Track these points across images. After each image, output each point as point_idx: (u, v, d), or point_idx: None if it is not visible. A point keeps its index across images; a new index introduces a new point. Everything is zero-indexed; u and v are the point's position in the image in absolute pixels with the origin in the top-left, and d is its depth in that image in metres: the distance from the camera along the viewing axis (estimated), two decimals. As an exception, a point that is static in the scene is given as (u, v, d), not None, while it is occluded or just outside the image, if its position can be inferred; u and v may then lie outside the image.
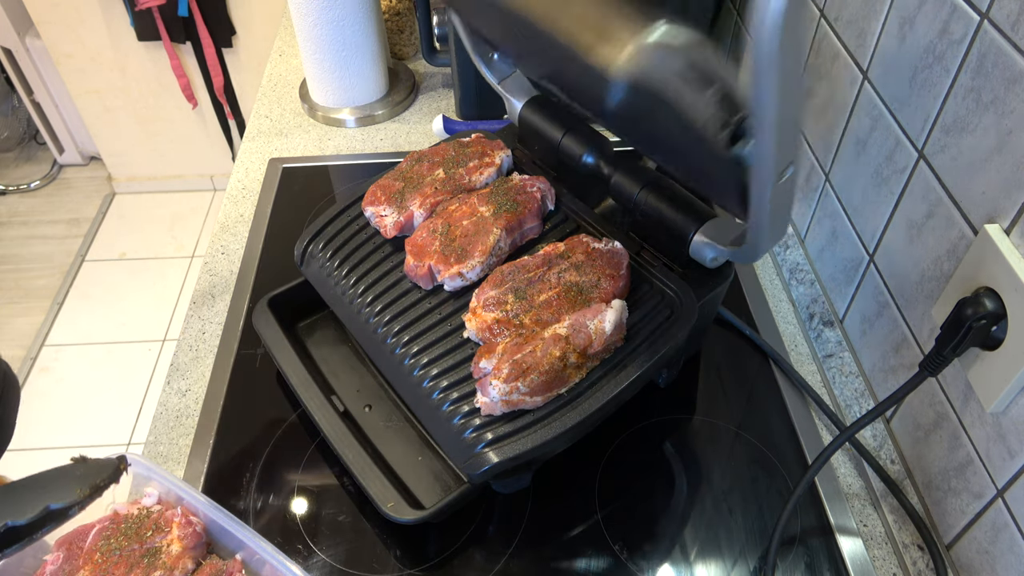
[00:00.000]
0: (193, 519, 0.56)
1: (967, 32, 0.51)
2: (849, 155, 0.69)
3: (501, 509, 0.63)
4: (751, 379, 0.73)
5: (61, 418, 1.84)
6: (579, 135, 0.68)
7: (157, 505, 0.58)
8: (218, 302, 0.81)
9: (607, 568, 0.60)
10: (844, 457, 0.67)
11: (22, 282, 2.17)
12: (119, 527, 0.56)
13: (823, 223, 0.75)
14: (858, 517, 0.63)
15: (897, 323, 0.62)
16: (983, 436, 0.52)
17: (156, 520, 0.56)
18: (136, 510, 0.57)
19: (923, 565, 0.58)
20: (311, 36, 0.96)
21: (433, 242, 0.63)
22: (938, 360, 0.51)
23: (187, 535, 0.55)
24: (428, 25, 1.00)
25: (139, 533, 0.56)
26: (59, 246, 2.27)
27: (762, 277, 0.83)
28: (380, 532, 0.61)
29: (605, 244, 0.62)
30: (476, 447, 0.55)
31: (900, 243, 0.61)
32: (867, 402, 0.68)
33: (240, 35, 2.02)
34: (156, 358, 1.97)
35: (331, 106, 1.04)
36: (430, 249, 0.63)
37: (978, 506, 0.53)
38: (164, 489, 0.58)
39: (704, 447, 0.68)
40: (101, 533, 0.56)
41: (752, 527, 0.62)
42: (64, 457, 0.50)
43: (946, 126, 0.54)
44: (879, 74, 0.63)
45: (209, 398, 0.71)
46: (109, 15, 1.97)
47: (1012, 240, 0.48)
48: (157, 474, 0.58)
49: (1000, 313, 0.48)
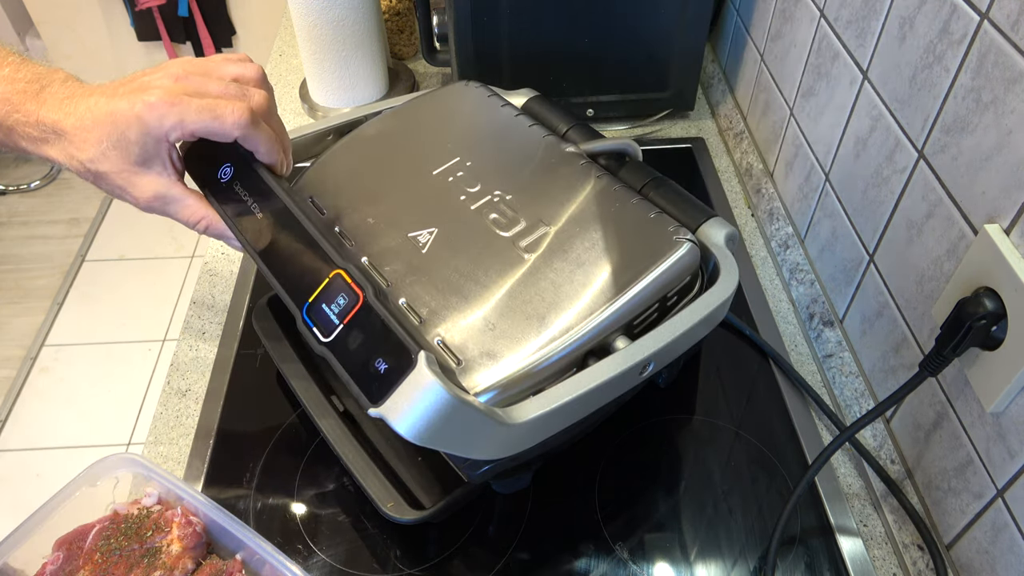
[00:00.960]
0: (193, 519, 0.56)
1: (967, 32, 0.51)
2: (849, 155, 0.69)
3: (501, 509, 0.63)
4: (751, 379, 0.73)
5: (61, 418, 1.84)
6: (579, 134, 0.68)
7: (157, 505, 0.58)
8: (218, 302, 0.81)
9: (607, 568, 0.60)
10: (844, 457, 0.67)
11: (22, 282, 2.17)
12: (119, 527, 0.56)
13: (823, 223, 0.75)
14: (858, 517, 0.63)
15: (897, 323, 0.62)
16: (983, 436, 0.52)
17: (156, 520, 0.56)
18: (136, 510, 0.57)
19: (923, 565, 0.58)
20: (311, 36, 0.96)
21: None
22: (938, 360, 0.51)
23: (187, 535, 0.55)
24: (428, 25, 1.00)
25: (139, 533, 0.56)
26: (59, 246, 2.27)
27: (762, 277, 0.83)
28: (380, 532, 0.61)
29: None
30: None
31: (900, 243, 0.61)
32: (867, 402, 0.68)
33: (240, 35, 2.02)
34: (156, 358, 1.97)
35: (331, 106, 1.04)
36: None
37: (978, 506, 0.53)
38: (164, 489, 0.58)
39: (704, 447, 0.68)
40: (101, 533, 0.56)
41: (752, 527, 0.62)
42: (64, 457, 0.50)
43: (946, 126, 0.54)
44: (879, 74, 0.63)
45: (209, 398, 0.71)
46: (109, 15, 1.97)
47: (1012, 240, 0.48)
48: (157, 474, 0.58)
49: (1000, 313, 0.48)
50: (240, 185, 0.55)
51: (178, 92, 0.51)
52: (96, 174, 0.52)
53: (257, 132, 0.52)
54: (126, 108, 0.50)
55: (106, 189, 0.54)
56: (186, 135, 0.51)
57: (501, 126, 0.68)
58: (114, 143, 0.51)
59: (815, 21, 0.75)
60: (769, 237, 0.86)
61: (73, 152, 0.51)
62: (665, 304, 0.56)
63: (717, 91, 1.06)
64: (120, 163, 0.52)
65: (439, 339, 0.51)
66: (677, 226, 0.57)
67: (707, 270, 0.59)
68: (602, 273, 0.54)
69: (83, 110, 0.51)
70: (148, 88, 0.51)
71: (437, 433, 0.42)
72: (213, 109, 0.50)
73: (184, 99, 0.50)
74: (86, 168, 0.52)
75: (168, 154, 0.53)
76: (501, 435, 0.46)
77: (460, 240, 0.57)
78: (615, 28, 0.92)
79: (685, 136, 1.02)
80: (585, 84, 0.98)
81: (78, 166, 0.52)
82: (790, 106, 0.82)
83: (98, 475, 0.59)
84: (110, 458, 0.60)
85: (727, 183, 0.95)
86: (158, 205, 0.55)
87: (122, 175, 0.52)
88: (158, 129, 0.50)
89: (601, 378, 0.49)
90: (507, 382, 0.49)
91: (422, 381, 0.41)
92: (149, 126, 0.50)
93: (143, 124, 0.50)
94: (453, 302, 0.53)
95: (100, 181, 0.53)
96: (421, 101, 0.72)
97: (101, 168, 0.52)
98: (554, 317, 0.52)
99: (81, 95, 0.52)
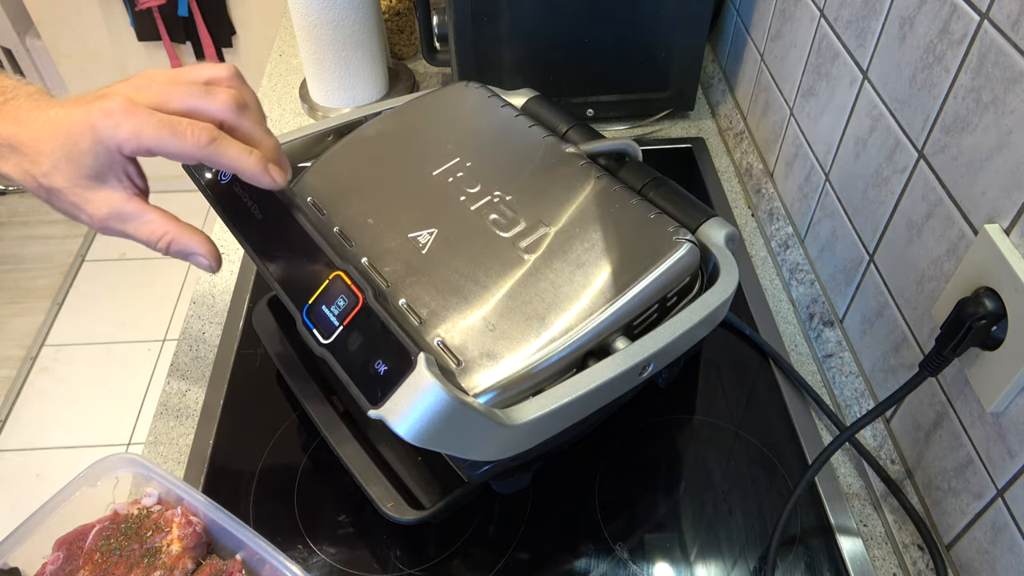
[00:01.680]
0: (193, 519, 0.56)
1: (967, 32, 0.51)
2: (849, 155, 0.69)
3: (501, 509, 0.63)
4: (751, 379, 0.73)
5: (61, 418, 1.84)
6: (579, 134, 0.68)
7: (157, 505, 0.58)
8: (218, 302, 0.81)
9: (607, 568, 0.60)
10: (844, 457, 0.67)
11: (22, 282, 2.17)
12: (119, 527, 0.56)
13: (823, 223, 0.75)
14: (858, 517, 0.63)
15: (897, 323, 0.62)
16: (983, 436, 0.52)
17: (156, 520, 0.56)
18: (136, 510, 0.57)
19: (923, 565, 0.58)
20: (311, 36, 0.96)
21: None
22: (938, 360, 0.51)
23: (187, 535, 0.55)
24: (428, 25, 1.00)
25: (139, 533, 0.56)
26: (59, 246, 2.27)
27: (762, 277, 0.83)
28: (380, 532, 0.61)
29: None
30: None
31: (900, 243, 0.61)
32: (867, 402, 0.68)
33: (240, 35, 2.02)
34: (156, 358, 1.97)
35: (331, 106, 1.04)
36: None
37: (978, 506, 0.53)
38: (164, 489, 0.58)
39: (704, 447, 0.68)
40: (101, 533, 0.56)
41: (752, 527, 0.62)
42: (64, 457, 0.50)
43: (946, 126, 0.54)
44: (879, 74, 0.63)
45: (209, 398, 0.71)
46: (109, 15, 1.97)
47: (1012, 240, 0.48)
48: (157, 474, 0.58)
49: (1000, 313, 0.48)
50: (239, 186, 0.55)
51: (138, 102, 0.47)
52: (49, 190, 0.48)
53: (222, 152, 0.48)
54: (81, 117, 0.46)
55: (60, 208, 0.49)
56: (142, 150, 0.47)
57: (501, 126, 0.68)
58: (66, 154, 0.47)
59: (815, 21, 0.75)
60: (769, 237, 0.86)
61: (27, 167, 0.48)
62: (665, 304, 0.56)
63: (717, 91, 1.06)
64: (72, 177, 0.47)
65: (439, 340, 0.51)
66: (677, 227, 0.57)
67: (707, 270, 0.59)
68: (602, 274, 0.54)
69: (41, 122, 0.47)
70: (107, 96, 0.47)
71: (437, 435, 0.42)
72: (173, 126, 0.46)
73: (143, 110, 0.46)
74: (39, 183, 0.48)
75: (124, 168, 0.49)
76: (501, 436, 0.46)
77: (460, 241, 0.57)
78: (615, 28, 0.92)
79: (685, 136, 1.02)
80: (585, 84, 0.98)
81: (31, 182, 0.48)
82: (790, 106, 0.82)
83: (98, 475, 0.59)
84: (110, 458, 0.60)
85: (727, 183, 0.95)
86: (115, 224, 0.50)
87: (75, 191, 0.48)
88: (111, 139, 0.46)
89: (601, 379, 0.49)
90: (507, 383, 0.49)
91: (422, 383, 0.41)
92: (102, 135, 0.46)
93: (96, 132, 0.46)
94: (453, 303, 0.53)
95: (53, 198, 0.49)
96: (421, 102, 0.72)
97: (54, 183, 0.47)
98: (554, 318, 0.52)
99: (44, 108, 0.48)
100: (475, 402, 0.43)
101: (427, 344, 0.50)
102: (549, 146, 0.65)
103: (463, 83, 0.73)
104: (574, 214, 0.59)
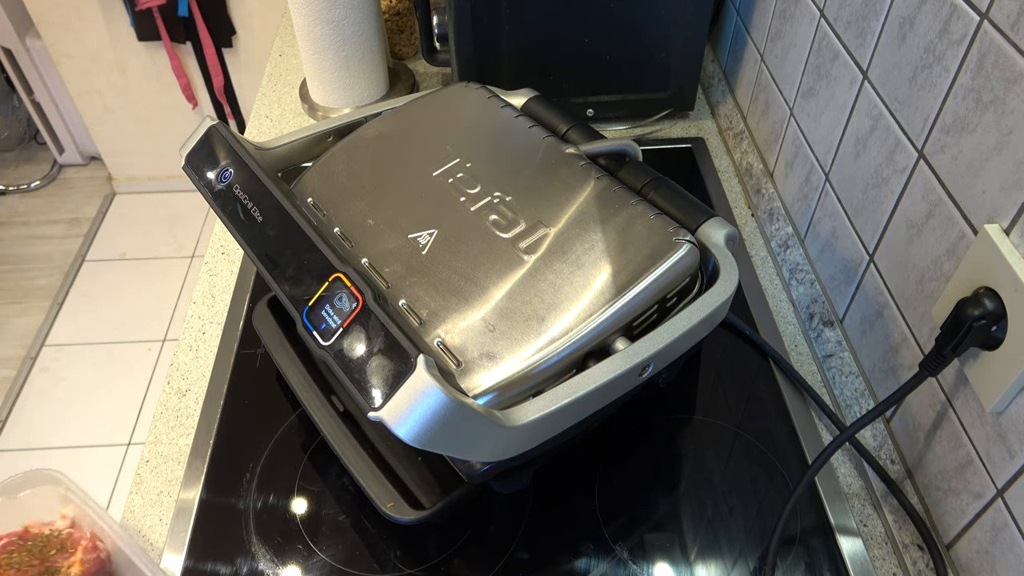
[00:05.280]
0: (100, 545, 0.56)
1: (967, 32, 0.51)
2: (849, 155, 0.69)
3: (501, 509, 0.63)
4: (751, 379, 0.73)
5: (61, 418, 1.84)
6: (579, 135, 0.68)
7: (70, 528, 0.57)
8: (218, 302, 0.81)
9: (607, 568, 0.60)
10: (844, 457, 0.67)
11: (22, 282, 2.17)
12: (25, 544, 0.56)
13: (823, 223, 0.75)
14: (858, 517, 0.63)
15: (897, 323, 0.62)
16: (983, 436, 0.52)
17: (64, 541, 0.56)
18: (48, 530, 0.57)
19: (923, 565, 0.58)
20: (311, 36, 0.96)
21: None
22: (938, 360, 0.51)
23: (90, 560, 0.55)
24: (428, 25, 1.00)
25: (43, 552, 0.56)
26: (59, 246, 2.27)
27: (762, 277, 0.83)
28: (380, 532, 0.62)
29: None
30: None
31: (900, 243, 0.61)
32: (867, 402, 0.68)
33: (240, 35, 2.02)
34: (156, 358, 1.97)
35: (331, 106, 1.04)
36: None
37: (978, 506, 0.53)
38: (79, 511, 0.58)
39: (704, 447, 0.68)
40: (6, 548, 0.56)
41: (752, 527, 0.62)
42: (64, 457, 0.50)
43: (946, 126, 0.54)
44: (879, 74, 0.63)
45: (209, 398, 0.71)
46: (109, 15, 1.97)
47: (1012, 240, 0.48)
48: (76, 495, 0.58)
49: (1000, 313, 0.48)
50: (240, 188, 0.55)
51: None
52: None
53: None
54: None
55: None
56: None
57: (501, 127, 0.68)
58: None
59: (815, 21, 0.75)
60: (769, 237, 0.86)
61: None
62: (665, 305, 0.56)
63: (717, 91, 1.06)
64: None
65: (439, 340, 0.51)
66: (677, 227, 0.57)
67: (707, 270, 0.59)
68: (602, 274, 0.54)
69: None
70: None
71: (437, 436, 0.42)
72: None
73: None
74: None
75: None
76: (501, 437, 0.46)
77: (460, 241, 0.57)
78: (615, 28, 0.92)
79: (685, 136, 1.02)
80: (585, 84, 0.98)
81: None
82: (790, 106, 0.82)
83: (19, 488, 0.59)
84: (33, 472, 0.59)
85: (727, 183, 0.95)
86: None
87: None
88: None
89: (601, 379, 0.49)
90: (507, 383, 0.49)
91: (421, 385, 0.41)
92: None
93: None
94: (453, 303, 0.53)
95: None
96: (421, 102, 0.72)
97: None
98: (554, 318, 0.52)
99: None
100: (475, 403, 0.43)
101: (427, 345, 0.50)
102: (549, 146, 0.65)
103: (463, 83, 0.73)
104: (574, 215, 0.59)
